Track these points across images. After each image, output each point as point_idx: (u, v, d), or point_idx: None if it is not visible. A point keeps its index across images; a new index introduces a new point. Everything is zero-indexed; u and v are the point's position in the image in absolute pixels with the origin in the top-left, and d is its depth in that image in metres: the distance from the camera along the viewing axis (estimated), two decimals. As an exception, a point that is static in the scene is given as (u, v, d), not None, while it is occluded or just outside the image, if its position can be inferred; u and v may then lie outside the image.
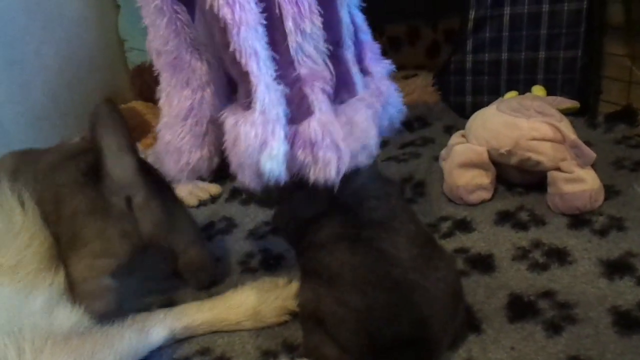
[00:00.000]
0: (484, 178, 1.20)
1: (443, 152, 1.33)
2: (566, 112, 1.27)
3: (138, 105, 1.74)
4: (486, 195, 1.21)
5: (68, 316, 0.79)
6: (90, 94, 1.82)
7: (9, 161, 1.07)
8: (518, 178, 1.23)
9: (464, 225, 1.13)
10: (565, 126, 1.15)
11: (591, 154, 1.09)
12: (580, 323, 0.82)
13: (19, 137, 1.57)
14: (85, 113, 1.75)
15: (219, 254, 1.18)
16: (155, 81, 1.76)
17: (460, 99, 1.67)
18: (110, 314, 0.86)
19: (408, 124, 1.64)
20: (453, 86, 1.66)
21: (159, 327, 0.89)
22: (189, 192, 1.46)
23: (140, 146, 1.53)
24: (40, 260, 0.83)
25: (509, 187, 1.24)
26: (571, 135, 1.11)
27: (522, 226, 1.10)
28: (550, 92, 1.45)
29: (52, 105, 1.68)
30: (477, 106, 1.40)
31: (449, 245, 1.07)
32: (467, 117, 1.35)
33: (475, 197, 1.20)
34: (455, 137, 1.32)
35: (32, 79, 1.61)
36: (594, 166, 1.13)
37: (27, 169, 0.99)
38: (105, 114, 0.89)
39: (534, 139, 1.13)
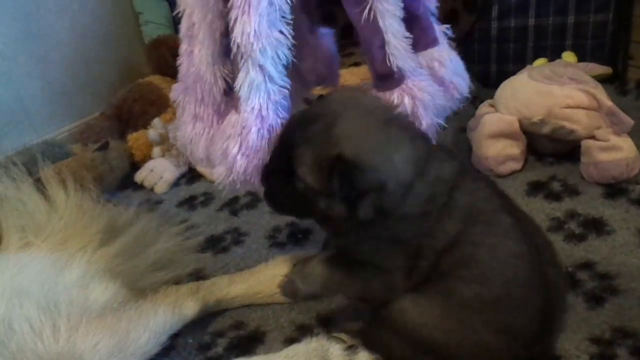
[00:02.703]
0: (514, 148, 1.17)
1: (471, 123, 1.30)
2: (597, 79, 1.22)
3: (156, 79, 1.70)
4: (516, 165, 1.18)
5: (103, 291, 0.79)
6: (107, 69, 1.80)
7: None
8: (549, 148, 1.20)
9: (494, 197, 1.11)
10: (601, 93, 1.11)
11: (629, 121, 1.06)
12: (623, 294, 0.80)
13: (38, 112, 1.56)
14: (103, 88, 1.75)
15: (245, 228, 1.18)
16: (173, 54, 1.73)
17: (485, 67, 1.62)
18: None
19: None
20: (477, 54, 1.62)
21: (192, 301, 0.88)
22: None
23: (161, 122, 1.51)
24: (79, 238, 0.83)
25: (539, 157, 1.21)
26: (607, 102, 1.08)
27: (555, 197, 1.07)
28: (579, 58, 1.40)
29: (70, 80, 1.66)
30: (502, 75, 1.36)
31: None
32: (492, 87, 1.31)
33: (506, 168, 1.17)
34: (484, 107, 1.28)
35: (49, 54, 1.59)
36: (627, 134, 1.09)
37: None
38: None
39: (568, 106, 1.09)
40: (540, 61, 1.37)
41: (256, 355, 0.79)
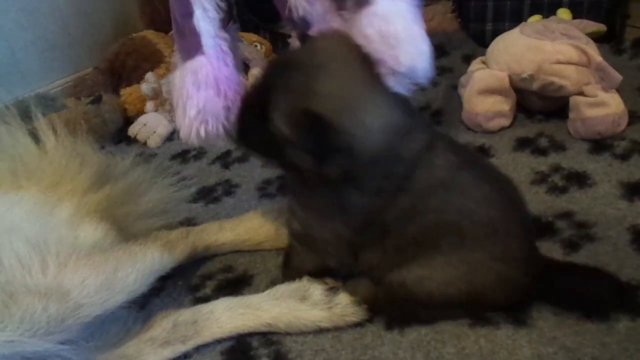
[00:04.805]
0: (503, 105, 1.18)
1: (462, 79, 1.30)
2: (592, 37, 1.22)
3: (149, 34, 1.69)
4: (505, 122, 1.19)
5: (93, 232, 0.81)
6: (100, 23, 1.78)
7: None
8: (538, 105, 1.20)
9: (482, 152, 1.12)
10: (592, 48, 1.11)
11: (617, 76, 1.06)
12: (599, 241, 0.82)
13: (31, 65, 1.56)
14: (96, 42, 1.74)
15: (237, 180, 1.19)
16: (166, 9, 1.71)
17: (481, 26, 1.60)
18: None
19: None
20: (473, 12, 1.60)
21: (182, 245, 0.91)
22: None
23: (154, 76, 1.51)
24: (70, 179, 0.84)
25: (529, 114, 1.22)
26: (597, 57, 1.08)
27: (541, 152, 1.09)
28: (576, 16, 1.39)
29: (62, 33, 1.65)
30: (498, 34, 1.34)
31: (467, 170, 1.06)
32: (487, 46, 1.31)
33: (495, 124, 1.18)
34: (475, 64, 1.28)
35: (41, 6, 1.57)
36: (618, 92, 1.10)
37: None
38: None
39: (559, 62, 1.09)
40: (535, 18, 1.36)
41: (242, 295, 0.82)
